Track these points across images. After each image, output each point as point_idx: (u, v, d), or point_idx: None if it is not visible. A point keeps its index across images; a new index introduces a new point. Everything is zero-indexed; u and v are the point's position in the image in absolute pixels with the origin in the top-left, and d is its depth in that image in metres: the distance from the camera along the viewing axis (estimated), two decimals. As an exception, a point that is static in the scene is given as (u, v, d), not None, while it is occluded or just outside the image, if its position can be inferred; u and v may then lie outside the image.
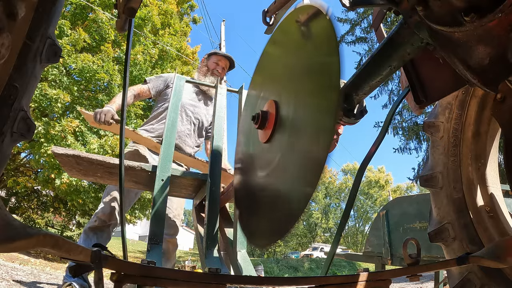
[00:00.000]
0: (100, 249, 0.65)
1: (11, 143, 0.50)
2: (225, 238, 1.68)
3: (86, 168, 1.63)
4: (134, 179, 1.75)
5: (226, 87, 1.93)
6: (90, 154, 1.55)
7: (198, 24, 12.20)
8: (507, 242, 0.83)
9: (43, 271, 4.94)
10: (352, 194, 1.16)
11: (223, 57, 2.73)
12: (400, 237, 3.50)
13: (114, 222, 2.24)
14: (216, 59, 2.70)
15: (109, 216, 2.20)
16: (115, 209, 2.23)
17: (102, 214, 2.20)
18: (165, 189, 1.56)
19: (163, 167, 1.59)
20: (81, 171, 1.67)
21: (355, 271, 0.96)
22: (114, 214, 2.23)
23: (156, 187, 1.54)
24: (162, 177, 1.57)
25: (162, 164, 1.60)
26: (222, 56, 2.74)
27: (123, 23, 0.84)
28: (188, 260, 16.68)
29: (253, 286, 1.00)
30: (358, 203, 36.73)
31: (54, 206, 12.06)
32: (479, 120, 1.23)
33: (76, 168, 1.63)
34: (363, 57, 13.19)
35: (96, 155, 1.55)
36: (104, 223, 2.20)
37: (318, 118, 0.84)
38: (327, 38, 0.83)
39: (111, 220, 2.22)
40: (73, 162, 1.57)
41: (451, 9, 0.64)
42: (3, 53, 0.44)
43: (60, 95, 7.12)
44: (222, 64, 2.71)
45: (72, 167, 1.64)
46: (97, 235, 2.18)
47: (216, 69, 2.66)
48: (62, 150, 1.52)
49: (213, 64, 2.68)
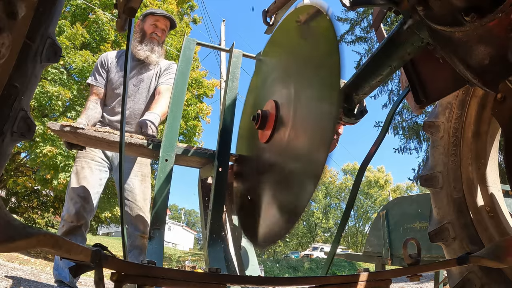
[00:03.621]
0: (100, 249, 0.65)
1: (11, 142, 0.50)
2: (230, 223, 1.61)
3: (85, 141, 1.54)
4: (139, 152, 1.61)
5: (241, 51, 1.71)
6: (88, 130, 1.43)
7: (198, 24, 12.22)
8: (507, 242, 0.83)
9: (43, 271, 4.94)
10: (352, 194, 1.16)
11: (162, 16, 2.33)
12: (400, 237, 3.50)
13: (84, 222, 2.06)
14: (153, 20, 2.31)
15: (76, 217, 2.02)
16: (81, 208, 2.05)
17: (68, 216, 2.03)
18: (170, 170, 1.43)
19: (166, 146, 1.45)
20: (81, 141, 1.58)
21: (355, 271, 0.96)
22: (81, 213, 2.04)
23: (160, 168, 1.41)
24: (166, 157, 1.44)
25: (166, 142, 1.45)
26: (160, 15, 2.33)
27: (123, 23, 0.84)
28: (188, 260, 16.69)
29: (253, 286, 1.00)
30: (358, 203, 36.73)
31: (54, 206, 12.06)
32: (479, 120, 1.23)
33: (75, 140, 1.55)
34: (363, 57, 13.19)
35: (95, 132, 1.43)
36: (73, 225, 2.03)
37: (318, 118, 0.84)
38: (327, 37, 0.83)
39: (80, 220, 2.04)
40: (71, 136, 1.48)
41: (451, 9, 0.64)
42: (4, 53, 0.44)
43: (60, 91, 7.11)
44: (161, 25, 2.33)
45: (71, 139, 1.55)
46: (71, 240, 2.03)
47: (155, 32, 2.30)
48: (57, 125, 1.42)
49: (150, 27, 2.31)
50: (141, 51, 2.28)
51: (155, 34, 2.31)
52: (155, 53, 2.33)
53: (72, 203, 2.06)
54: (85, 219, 2.07)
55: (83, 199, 2.08)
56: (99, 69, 2.35)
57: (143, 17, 2.36)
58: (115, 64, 2.36)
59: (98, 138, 1.45)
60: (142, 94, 2.35)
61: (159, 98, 2.25)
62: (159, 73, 2.39)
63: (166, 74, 2.39)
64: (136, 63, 2.34)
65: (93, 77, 2.35)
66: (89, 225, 2.17)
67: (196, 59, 10.66)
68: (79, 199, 2.07)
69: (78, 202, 2.06)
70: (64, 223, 2.05)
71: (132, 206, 2.21)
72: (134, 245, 2.12)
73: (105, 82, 2.33)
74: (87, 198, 2.10)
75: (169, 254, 20.18)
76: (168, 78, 2.36)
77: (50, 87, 7.08)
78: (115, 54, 2.44)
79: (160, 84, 2.35)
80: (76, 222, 2.03)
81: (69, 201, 2.09)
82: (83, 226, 2.08)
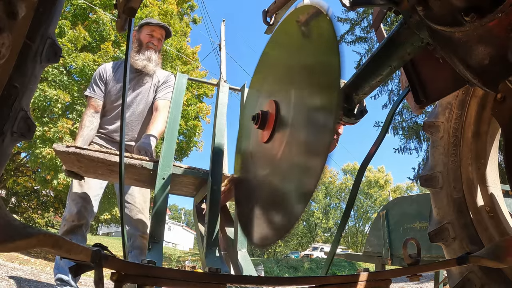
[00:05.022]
0: (100, 249, 0.65)
1: (11, 143, 0.50)
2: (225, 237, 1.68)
3: (87, 166, 1.62)
4: (135, 177, 1.75)
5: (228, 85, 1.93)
6: (91, 152, 1.54)
7: (198, 24, 12.22)
8: (507, 242, 0.83)
9: (43, 271, 4.94)
10: (352, 194, 1.16)
11: (157, 26, 2.40)
12: (400, 237, 3.50)
13: (85, 222, 2.10)
14: (149, 30, 2.38)
15: (77, 216, 2.06)
16: (82, 208, 2.09)
17: (69, 216, 2.07)
18: (166, 188, 1.56)
19: (164, 165, 1.59)
20: (82, 168, 1.66)
21: (355, 271, 0.97)
22: (82, 213, 2.08)
23: (157, 186, 1.54)
24: (163, 176, 1.57)
25: (163, 162, 1.60)
26: (156, 25, 2.40)
27: (123, 23, 0.84)
28: (188, 260, 16.69)
29: (253, 286, 1.00)
30: (358, 203, 36.73)
31: (54, 206, 12.08)
32: (479, 120, 1.23)
33: (77, 165, 1.63)
34: (363, 57, 13.18)
35: (97, 152, 1.55)
36: (74, 224, 2.06)
37: (318, 118, 0.84)
38: (327, 37, 0.83)
39: (81, 220, 2.07)
40: (74, 159, 1.56)
41: (451, 9, 0.64)
42: (4, 53, 0.44)
43: (60, 95, 7.12)
44: (157, 34, 2.40)
45: (73, 165, 1.63)
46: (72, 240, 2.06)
47: (151, 42, 2.37)
48: (62, 147, 1.52)
49: (146, 36, 2.37)
50: (139, 61, 2.33)
51: (151, 44, 2.38)
52: (152, 62, 2.38)
53: (73, 203, 2.11)
54: (86, 219, 2.11)
55: (84, 200, 2.13)
56: (97, 81, 2.37)
57: (139, 27, 2.41)
58: (112, 77, 2.39)
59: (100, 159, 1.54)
60: (139, 106, 2.39)
61: (156, 116, 2.30)
62: (157, 85, 2.45)
63: (164, 88, 2.44)
64: (134, 74, 2.38)
65: (91, 89, 2.36)
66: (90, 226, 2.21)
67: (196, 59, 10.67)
68: (80, 200, 2.11)
69: (79, 202, 2.10)
70: (65, 222, 2.09)
71: (131, 208, 2.25)
72: (135, 246, 2.16)
73: (104, 94, 2.35)
74: (88, 200, 2.15)
75: (169, 254, 20.18)
76: (166, 92, 2.42)
77: (50, 91, 7.08)
78: (112, 65, 2.46)
79: (158, 99, 2.39)
80: (77, 221, 2.07)
81: (70, 202, 2.13)
82: (84, 226, 2.11)
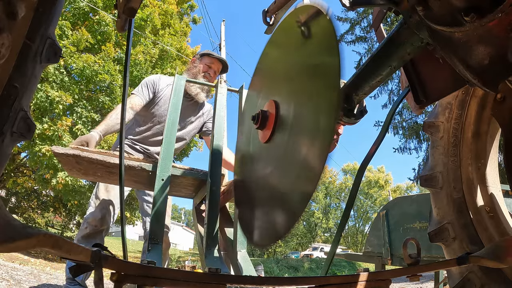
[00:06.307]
0: (100, 249, 0.65)
1: (11, 143, 0.50)
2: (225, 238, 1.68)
3: (86, 168, 1.62)
4: (134, 179, 1.75)
5: (226, 86, 1.94)
6: (90, 153, 1.54)
7: (198, 24, 12.22)
8: (507, 242, 0.83)
9: (43, 271, 4.94)
10: (352, 194, 1.16)
11: (217, 60, 2.47)
12: (400, 237, 3.50)
13: (106, 227, 2.15)
14: (209, 61, 2.45)
15: (101, 222, 2.10)
16: (106, 213, 2.13)
17: (92, 220, 2.10)
18: (166, 189, 1.56)
19: (163, 166, 1.60)
20: (81, 170, 1.67)
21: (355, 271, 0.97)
22: (106, 219, 2.13)
23: (156, 187, 1.54)
24: (162, 177, 1.57)
25: (162, 163, 1.60)
26: (216, 58, 2.47)
27: (123, 23, 0.84)
28: (188, 260, 16.68)
29: (253, 286, 1.00)
30: (358, 203, 36.72)
31: (54, 206, 12.08)
32: (479, 120, 1.23)
33: (76, 167, 1.63)
34: (363, 57, 13.18)
35: (97, 155, 1.55)
36: (96, 229, 2.10)
37: (318, 118, 0.84)
38: (327, 37, 0.83)
39: (103, 225, 2.12)
40: (73, 161, 1.56)
41: (451, 9, 0.64)
42: (3, 53, 0.44)
43: (62, 96, 7.13)
44: (215, 67, 2.46)
45: (72, 167, 1.64)
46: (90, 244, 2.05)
47: (208, 72, 2.42)
48: (62, 149, 1.52)
49: (205, 66, 2.43)
50: (193, 87, 2.38)
51: (207, 74, 2.42)
52: (204, 91, 2.46)
53: (99, 208, 2.15)
54: (107, 225, 2.17)
55: (109, 206, 2.17)
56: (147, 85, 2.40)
57: (201, 55, 2.49)
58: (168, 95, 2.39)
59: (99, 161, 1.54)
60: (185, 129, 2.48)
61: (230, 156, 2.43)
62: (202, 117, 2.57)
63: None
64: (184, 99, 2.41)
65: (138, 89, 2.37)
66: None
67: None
68: (106, 205, 2.16)
69: (104, 208, 2.15)
70: (87, 225, 2.12)
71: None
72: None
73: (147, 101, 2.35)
74: (113, 207, 2.21)
75: (169, 254, 20.13)
76: None
77: (52, 92, 7.09)
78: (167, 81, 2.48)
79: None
80: (100, 227, 2.13)
81: (95, 206, 2.16)
82: (104, 231, 2.17)
